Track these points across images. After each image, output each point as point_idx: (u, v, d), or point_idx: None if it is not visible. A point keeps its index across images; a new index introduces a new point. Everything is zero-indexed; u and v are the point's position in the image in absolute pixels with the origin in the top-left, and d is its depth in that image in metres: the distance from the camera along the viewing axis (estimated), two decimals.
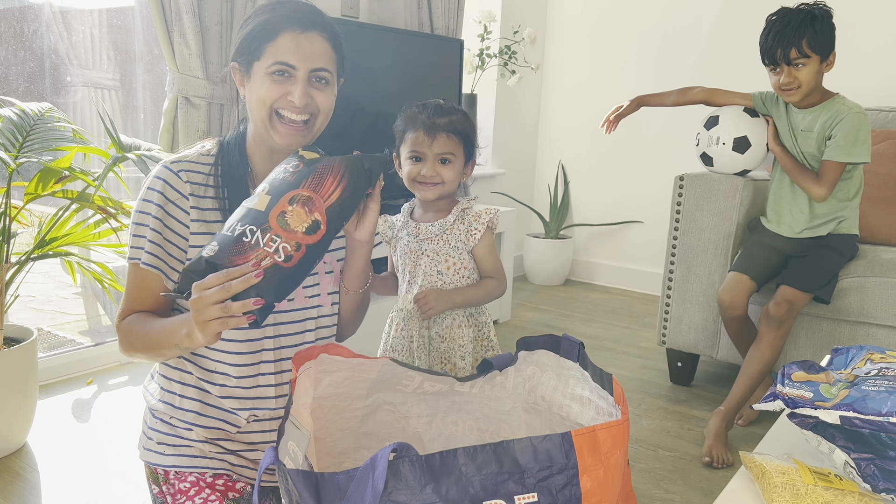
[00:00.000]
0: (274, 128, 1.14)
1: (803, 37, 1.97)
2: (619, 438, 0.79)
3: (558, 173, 4.12)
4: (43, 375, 2.31)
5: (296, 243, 0.97)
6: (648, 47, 3.73)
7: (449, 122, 1.41)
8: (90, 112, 2.55)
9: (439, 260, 1.45)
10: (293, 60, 1.11)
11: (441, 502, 0.74)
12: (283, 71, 1.11)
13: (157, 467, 1.19)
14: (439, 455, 0.74)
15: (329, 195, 1.02)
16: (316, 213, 0.99)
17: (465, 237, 1.46)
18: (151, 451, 1.19)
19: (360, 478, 0.73)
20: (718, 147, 2.29)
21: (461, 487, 0.74)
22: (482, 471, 0.75)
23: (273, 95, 1.12)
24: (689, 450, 2.06)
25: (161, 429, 1.19)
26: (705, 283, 2.40)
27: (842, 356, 1.16)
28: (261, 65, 1.12)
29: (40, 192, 1.85)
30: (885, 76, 3.10)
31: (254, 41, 1.12)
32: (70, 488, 1.72)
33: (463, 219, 1.47)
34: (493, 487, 0.75)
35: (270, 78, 1.11)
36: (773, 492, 0.89)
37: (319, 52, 1.14)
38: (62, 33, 2.45)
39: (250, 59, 1.13)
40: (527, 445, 0.76)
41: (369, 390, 1.13)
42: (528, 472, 0.75)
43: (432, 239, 1.46)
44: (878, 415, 0.90)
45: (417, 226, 1.48)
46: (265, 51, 1.11)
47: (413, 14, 3.07)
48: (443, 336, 1.47)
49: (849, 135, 2.03)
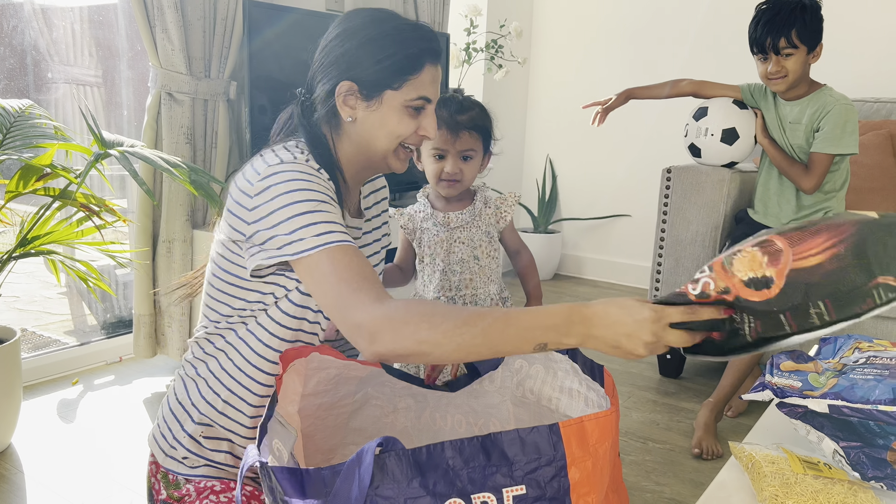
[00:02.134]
0: (396, 156, 1.10)
1: (793, 27, 1.97)
2: (608, 429, 0.78)
3: (546, 168, 4.12)
4: (28, 376, 2.29)
5: (724, 286, 0.81)
6: (636, 40, 3.73)
7: (470, 118, 1.43)
8: (72, 109, 2.52)
9: (475, 246, 1.51)
10: (431, 94, 1.07)
11: (428, 496, 0.73)
12: (422, 106, 1.07)
13: (179, 475, 1.10)
14: (426, 449, 0.74)
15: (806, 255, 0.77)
16: (773, 268, 0.78)
17: (495, 220, 1.53)
18: (175, 460, 1.10)
19: (346, 473, 0.72)
20: (707, 138, 2.29)
21: (448, 481, 0.74)
22: (469, 464, 0.74)
23: (408, 130, 1.07)
24: (679, 442, 2.06)
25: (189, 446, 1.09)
26: (693, 275, 2.40)
27: (830, 345, 1.16)
28: (399, 96, 1.05)
29: (21, 190, 1.82)
30: (871, 67, 3.12)
31: (395, 71, 1.04)
32: (55, 489, 1.70)
33: (488, 204, 1.53)
34: (481, 480, 0.74)
35: (407, 112, 1.06)
36: (762, 481, 0.89)
37: (440, 80, 1.11)
38: (42, 29, 2.41)
39: (382, 87, 1.04)
40: (514, 438, 0.75)
41: (358, 386, 1.12)
42: (516, 464, 0.75)
43: (464, 227, 1.51)
44: (867, 403, 0.89)
45: (446, 215, 1.51)
46: (407, 83, 1.04)
47: (398, 8, 3.06)
48: None
49: (836, 126, 2.03)
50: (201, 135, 2.35)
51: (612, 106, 2.40)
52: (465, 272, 1.50)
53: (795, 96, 2.12)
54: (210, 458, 1.10)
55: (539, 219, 4.00)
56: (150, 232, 2.31)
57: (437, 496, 0.73)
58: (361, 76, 1.04)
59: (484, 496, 0.74)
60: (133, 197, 2.46)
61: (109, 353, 2.53)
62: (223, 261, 1.06)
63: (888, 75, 3.08)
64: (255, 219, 0.97)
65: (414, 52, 1.04)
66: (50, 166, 1.82)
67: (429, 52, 1.05)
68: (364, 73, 1.04)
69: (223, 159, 2.42)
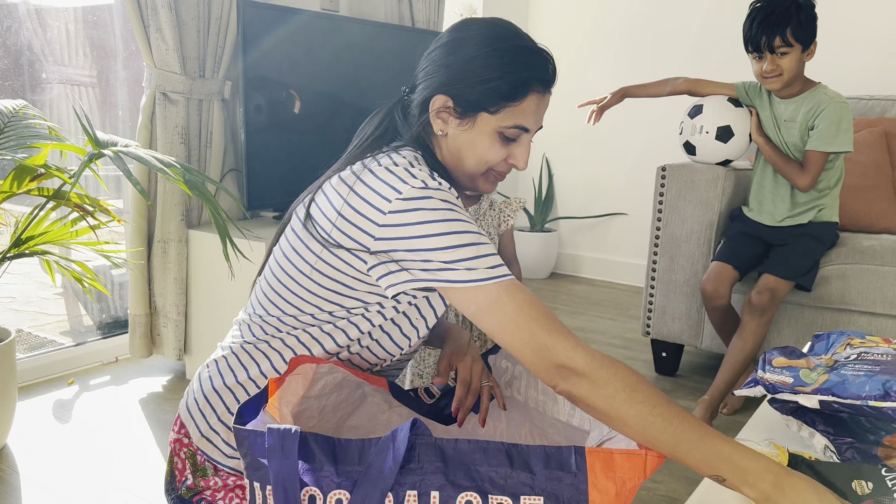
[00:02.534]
0: (485, 179, 1.07)
1: (788, 25, 1.97)
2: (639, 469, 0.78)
3: (542, 166, 4.12)
4: (24, 376, 2.29)
5: None
6: (631, 39, 3.73)
7: None
8: (67, 109, 2.51)
9: None
10: (530, 125, 1.02)
11: (448, 485, 0.76)
12: (517, 136, 1.02)
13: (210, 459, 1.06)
14: (452, 442, 0.77)
15: None
16: None
17: (497, 222, 1.55)
18: (213, 444, 1.05)
19: (380, 446, 0.77)
20: (702, 136, 2.29)
21: (469, 476, 0.76)
22: (493, 465, 0.76)
23: (497, 157, 1.03)
24: None
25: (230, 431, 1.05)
26: (689, 272, 2.40)
27: (823, 342, 1.17)
28: (493, 120, 1.00)
29: (15, 191, 1.82)
30: (865, 64, 3.12)
31: (495, 94, 0.98)
32: (51, 490, 1.70)
33: (492, 206, 1.56)
34: (501, 483, 0.76)
35: (499, 138, 1.01)
36: None
37: (545, 109, 1.05)
38: (37, 30, 2.41)
39: (479, 108, 1.00)
40: (539, 452, 0.77)
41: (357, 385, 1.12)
42: (537, 476, 0.76)
43: None
44: (857, 398, 0.90)
45: None
46: (506, 109, 0.99)
47: (393, 8, 3.06)
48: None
49: (831, 124, 2.04)
50: (196, 135, 2.35)
51: (607, 104, 2.40)
52: None
53: (790, 94, 2.13)
54: None
55: (535, 218, 4.01)
56: (145, 232, 2.31)
57: (455, 486, 0.76)
58: (459, 93, 1.00)
59: (501, 499, 0.76)
60: (128, 197, 2.46)
61: (105, 354, 2.53)
62: (314, 258, 1.00)
63: (882, 73, 3.08)
64: (391, 236, 0.92)
65: (521, 78, 0.99)
66: (44, 166, 1.82)
67: (537, 80, 1.00)
68: (462, 91, 1.00)
69: (218, 159, 2.42)
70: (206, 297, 2.34)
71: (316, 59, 2.47)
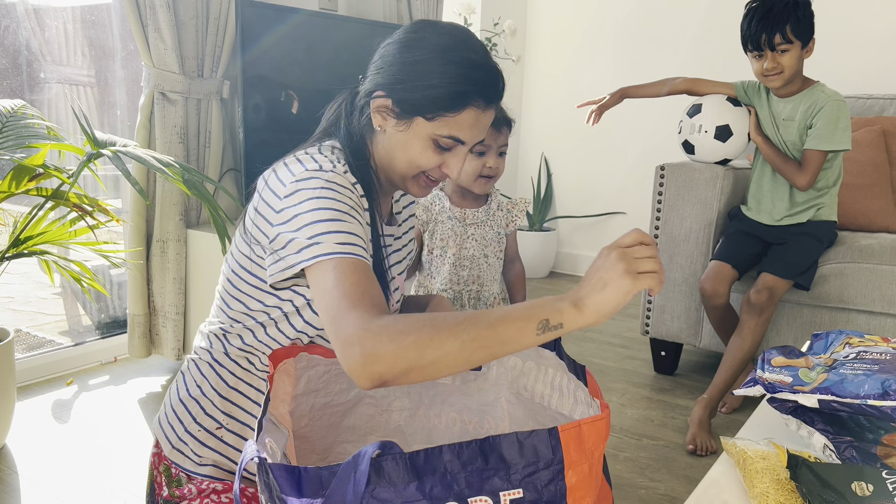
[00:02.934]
0: (416, 183, 1.06)
1: (787, 22, 1.97)
2: (602, 433, 0.79)
3: (541, 166, 4.12)
4: (22, 376, 2.28)
5: None
6: (629, 38, 3.73)
7: (506, 114, 1.46)
8: (65, 109, 2.51)
9: (486, 244, 1.56)
10: (466, 137, 1.01)
11: (425, 500, 0.73)
12: (451, 146, 1.01)
13: (183, 470, 1.08)
14: (424, 452, 0.73)
15: None
16: None
17: (506, 223, 1.59)
18: (182, 454, 1.07)
19: (342, 474, 0.72)
20: (700, 135, 2.29)
21: (446, 485, 0.74)
22: (467, 467, 0.74)
23: (429, 163, 1.02)
24: (674, 438, 2.07)
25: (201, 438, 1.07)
26: (687, 272, 2.41)
27: (821, 341, 1.17)
28: (429, 127, 0.99)
29: (14, 191, 1.82)
30: (863, 63, 3.13)
31: (432, 102, 0.98)
32: (50, 490, 1.70)
33: (500, 206, 1.59)
34: (478, 484, 0.74)
35: (434, 145, 1.01)
36: (754, 477, 0.89)
37: (487, 125, 1.04)
38: (35, 29, 2.41)
39: (415, 112, 0.99)
40: (513, 441, 0.75)
41: (350, 384, 1.12)
42: (513, 467, 0.75)
43: (478, 224, 1.56)
44: (856, 398, 0.90)
45: (463, 211, 1.55)
46: (442, 118, 0.98)
47: (392, 7, 3.06)
48: None
49: (829, 122, 2.04)
50: (194, 134, 2.35)
51: (606, 105, 2.40)
52: (475, 268, 1.55)
53: (788, 93, 2.13)
54: (223, 453, 1.08)
55: (534, 217, 4.01)
56: (143, 232, 2.31)
57: (433, 500, 0.73)
58: (400, 94, 0.99)
59: (481, 500, 0.74)
60: (127, 197, 2.46)
61: (104, 354, 2.53)
62: (245, 259, 1.04)
63: (880, 72, 3.09)
64: (280, 221, 0.93)
65: (461, 90, 0.97)
66: (42, 166, 1.81)
67: (479, 94, 0.99)
68: (403, 93, 0.99)
69: (216, 159, 2.41)
70: (205, 296, 2.34)
71: (314, 58, 2.46)
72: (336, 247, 0.88)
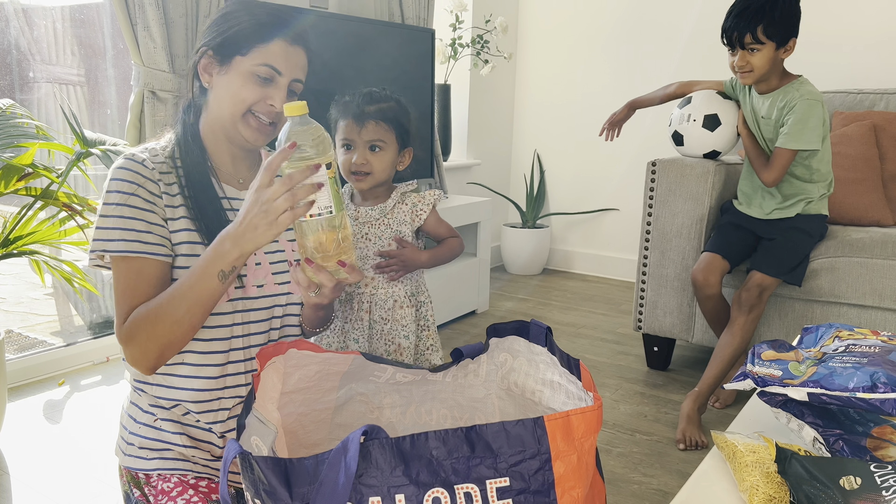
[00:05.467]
0: (246, 123, 1.13)
1: (759, 23, 1.97)
2: (593, 424, 0.79)
3: (534, 163, 4.12)
4: (14, 377, 2.27)
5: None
6: (622, 36, 3.73)
7: (378, 109, 1.41)
8: (55, 108, 2.50)
9: (381, 244, 1.46)
10: (282, 67, 1.12)
11: (412, 485, 0.73)
12: (269, 76, 1.11)
13: (139, 472, 1.15)
14: (410, 438, 0.74)
15: None
16: None
17: (410, 218, 1.48)
18: (133, 456, 1.16)
19: (332, 461, 0.72)
20: (689, 124, 2.30)
21: (432, 471, 0.74)
22: (453, 455, 0.74)
23: (253, 97, 1.11)
24: (666, 433, 2.07)
25: (144, 433, 1.15)
26: (679, 267, 2.41)
27: (811, 335, 1.17)
28: (245, 61, 1.10)
29: (3, 190, 1.81)
30: (853, 58, 3.13)
31: (243, 37, 1.10)
32: (42, 490, 1.70)
33: (404, 201, 1.49)
34: (464, 471, 0.74)
35: (253, 78, 1.11)
36: (743, 471, 0.89)
37: (301, 66, 1.16)
38: (24, 28, 2.39)
39: (232, 52, 1.11)
40: (499, 430, 0.75)
41: (341, 382, 1.12)
42: (500, 456, 0.75)
43: (372, 223, 1.47)
44: (845, 390, 0.90)
45: (357, 209, 1.48)
46: (254, 50, 1.10)
47: (383, 4, 3.05)
48: (385, 318, 1.47)
49: (798, 121, 2.04)
50: None
51: (618, 118, 2.46)
52: (367, 269, 1.46)
53: (767, 89, 2.13)
54: (169, 441, 1.14)
55: (527, 214, 4.01)
56: None
57: (420, 485, 0.73)
58: (216, 42, 1.12)
59: (467, 487, 0.74)
60: None
61: (96, 354, 2.52)
62: None
63: (871, 67, 3.10)
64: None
65: (264, 22, 1.11)
66: (31, 166, 1.81)
67: (282, 28, 1.11)
68: (219, 40, 1.12)
69: None
70: None
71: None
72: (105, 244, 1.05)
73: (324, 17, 2.53)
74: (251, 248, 0.98)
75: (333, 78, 2.56)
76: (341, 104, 1.45)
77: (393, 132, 1.43)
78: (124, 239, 1.05)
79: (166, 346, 1.04)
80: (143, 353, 1.04)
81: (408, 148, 1.48)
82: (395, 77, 2.84)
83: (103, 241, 1.05)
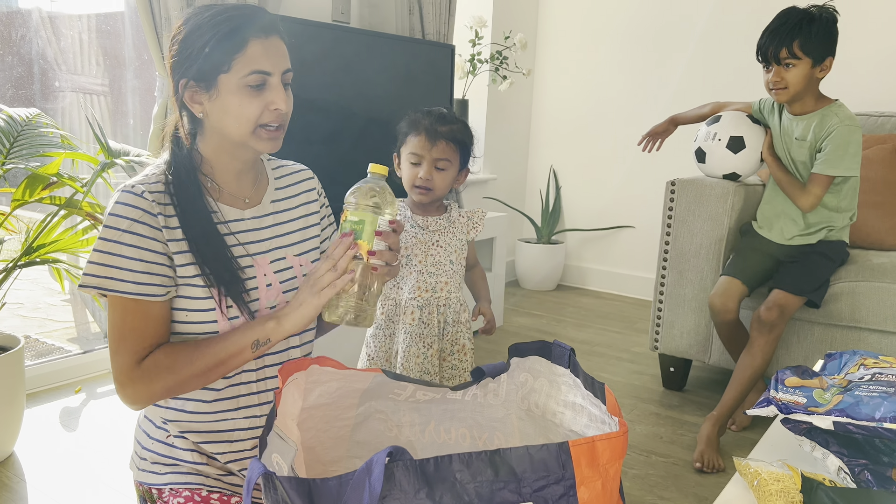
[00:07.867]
0: (258, 138, 1.09)
1: (796, 38, 1.96)
2: (618, 450, 0.78)
3: (550, 178, 4.12)
4: (31, 384, 2.29)
5: None
6: (639, 52, 3.73)
7: (450, 130, 1.51)
8: (79, 118, 2.53)
9: (451, 251, 1.58)
10: (268, 66, 1.06)
11: None
12: (261, 81, 1.05)
13: (152, 486, 1.16)
14: (434, 460, 0.73)
15: None
16: None
17: (468, 229, 1.61)
18: (146, 471, 1.16)
19: (356, 482, 0.72)
20: (714, 142, 2.29)
21: (455, 494, 0.73)
22: (477, 478, 0.74)
23: (256, 111, 1.06)
24: (682, 455, 2.06)
25: (157, 449, 1.16)
26: (697, 287, 2.40)
27: (835, 361, 1.16)
28: (232, 77, 1.04)
29: (27, 199, 1.83)
30: (876, 81, 3.12)
31: (217, 53, 1.03)
32: (58, 499, 1.70)
33: (461, 213, 1.62)
34: (488, 495, 0.74)
35: (247, 91, 1.05)
36: (768, 500, 0.88)
37: (283, 54, 1.10)
38: (50, 38, 2.43)
39: (213, 74, 1.04)
40: (523, 454, 0.75)
41: (361, 399, 1.12)
42: (524, 480, 0.74)
43: (441, 231, 1.58)
44: (872, 420, 0.89)
45: (425, 219, 1.59)
46: (234, 62, 1.03)
47: (404, 20, 3.07)
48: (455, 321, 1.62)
49: (839, 147, 2.02)
50: None
51: (657, 131, 2.47)
52: (442, 275, 1.57)
53: (802, 111, 2.11)
54: (181, 458, 1.14)
55: (542, 229, 4.00)
56: None
57: None
58: (192, 70, 1.05)
59: None
60: None
61: None
62: None
63: (892, 89, 3.08)
64: None
65: (232, 28, 1.04)
66: (56, 175, 1.83)
67: (249, 26, 1.05)
68: (193, 65, 1.05)
69: None
70: None
71: (327, 70, 2.48)
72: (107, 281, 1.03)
73: (345, 32, 2.55)
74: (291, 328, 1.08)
75: (353, 92, 2.58)
76: (413, 119, 1.53)
77: (458, 153, 1.53)
78: (131, 281, 1.02)
79: (174, 392, 1.06)
80: (150, 396, 1.05)
81: (466, 168, 1.58)
82: (414, 91, 2.85)
83: (106, 279, 1.02)
